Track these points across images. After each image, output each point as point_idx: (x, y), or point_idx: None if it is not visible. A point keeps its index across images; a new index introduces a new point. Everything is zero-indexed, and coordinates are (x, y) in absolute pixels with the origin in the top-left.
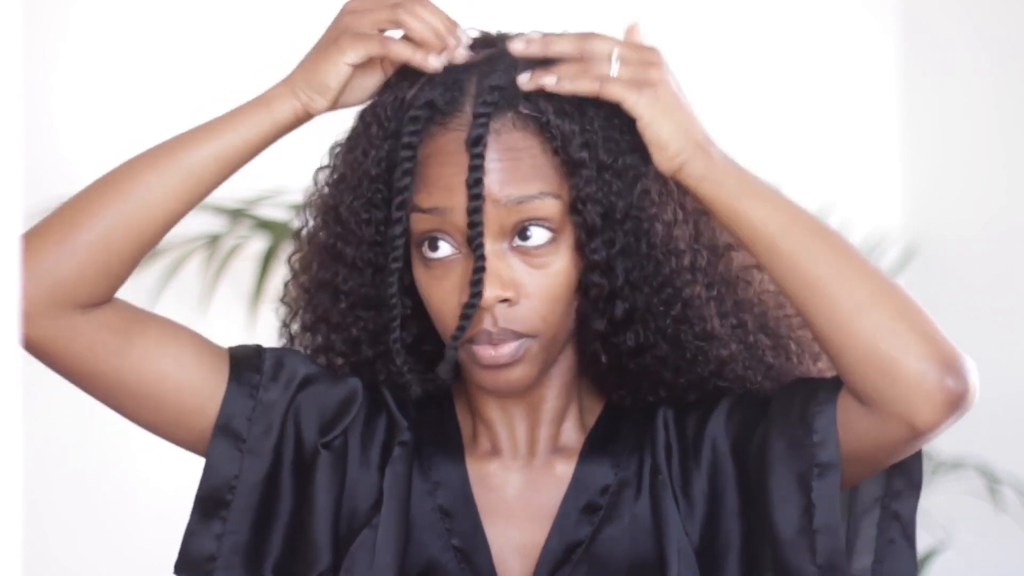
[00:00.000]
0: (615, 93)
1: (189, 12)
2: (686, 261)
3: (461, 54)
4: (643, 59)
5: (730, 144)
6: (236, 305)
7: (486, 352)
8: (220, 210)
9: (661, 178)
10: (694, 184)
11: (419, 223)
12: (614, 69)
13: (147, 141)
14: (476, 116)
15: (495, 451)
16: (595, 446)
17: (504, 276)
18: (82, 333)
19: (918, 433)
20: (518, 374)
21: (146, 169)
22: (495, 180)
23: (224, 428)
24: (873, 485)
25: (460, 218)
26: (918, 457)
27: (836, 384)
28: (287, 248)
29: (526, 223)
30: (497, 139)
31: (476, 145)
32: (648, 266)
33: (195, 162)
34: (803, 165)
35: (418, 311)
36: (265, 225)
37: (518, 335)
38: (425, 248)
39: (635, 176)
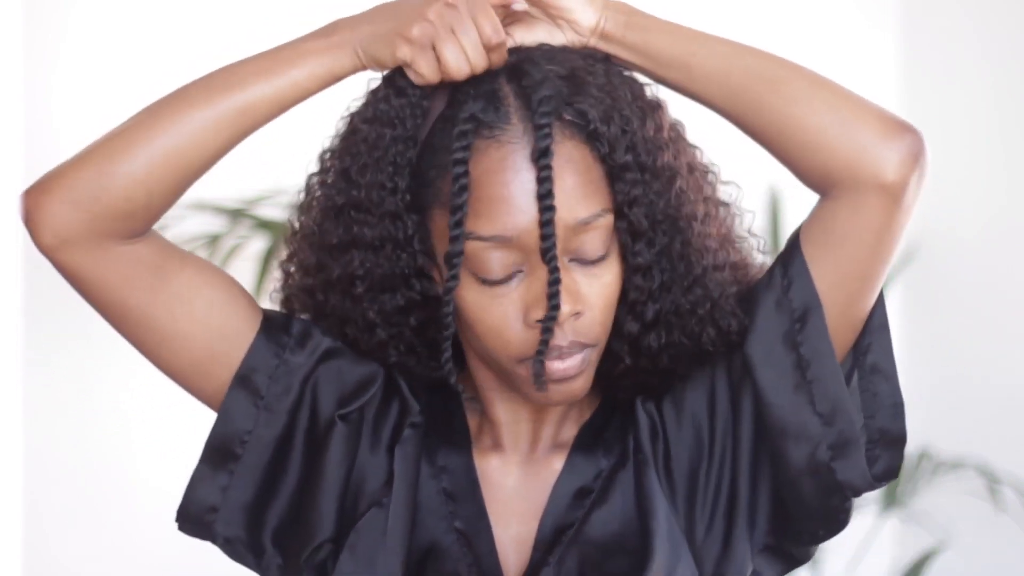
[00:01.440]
0: None
1: (189, 12)
2: (718, 259)
3: None
4: None
5: (729, 144)
6: None
7: (555, 367)
8: (220, 210)
9: (691, 174)
10: (619, 34)
11: (480, 251)
12: None
13: None
14: (539, 127)
15: (497, 447)
16: (588, 437)
17: (573, 290)
18: (118, 265)
19: (892, 195)
20: (581, 383)
21: (198, 103)
22: (561, 202)
23: (244, 379)
24: (844, 362)
25: (528, 239)
26: (879, 301)
27: (789, 242)
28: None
29: (586, 238)
30: (554, 151)
31: (544, 157)
32: (680, 266)
33: (249, 101)
34: None
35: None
36: (265, 225)
37: (583, 346)
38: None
39: (671, 175)
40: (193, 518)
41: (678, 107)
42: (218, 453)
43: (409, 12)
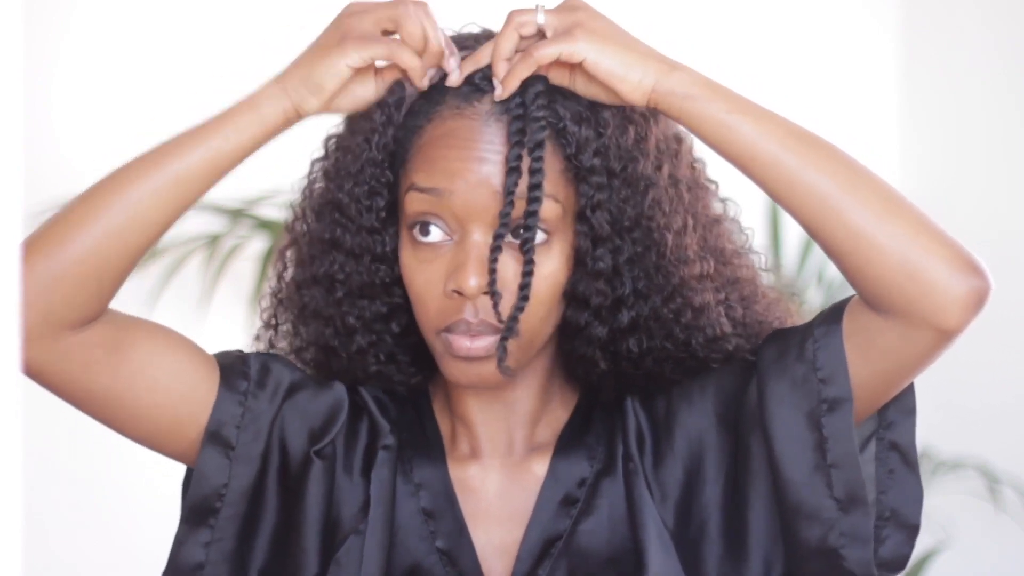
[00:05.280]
0: (549, 54)
1: (189, 12)
2: (696, 270)
3: (454, 79)
4: (565, 5)
5: None
6: (236, 305)
7: (461, 343)
8: (220, 210)
9: (673, 187)
10: (677, 104)
11: (415, 203)
12: (540, 18)
13: (147, 140)
14: (534, 119)
15: (474, 453)
16: (569, 440)
17: (494, 268)
18: (76, 353)
19: (948, 337)
20: (490, 369)
21: (134, 179)
22: (494, 171)
23: (214, 436)
24: (864, 424)
25: (457, 204)
26: (909, 386)
27: (832, 317)
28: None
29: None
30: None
31: (539, 148)
32: (658, 276)
33: (183, 169)
34: None
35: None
36: (265, 225)
37: (496, 329)
38: (416, 232)
39: (646, 185)
40: None
41: None
42: (198, 512)
43: (333, 35)
